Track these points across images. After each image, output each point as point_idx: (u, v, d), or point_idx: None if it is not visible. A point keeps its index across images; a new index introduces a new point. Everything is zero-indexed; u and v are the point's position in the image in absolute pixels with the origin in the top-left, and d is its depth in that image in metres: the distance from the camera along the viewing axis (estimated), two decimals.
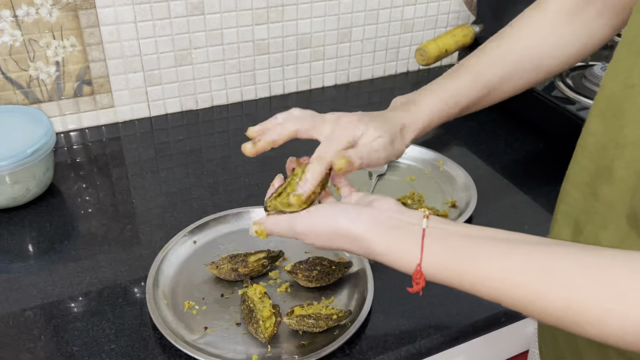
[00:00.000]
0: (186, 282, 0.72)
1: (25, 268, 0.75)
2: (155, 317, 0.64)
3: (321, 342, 0.63)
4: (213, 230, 0.79)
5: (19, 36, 0.92)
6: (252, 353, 0.63)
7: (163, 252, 0.73)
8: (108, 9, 0.96)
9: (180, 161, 0.97)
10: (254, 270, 0.71)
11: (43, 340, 0.65)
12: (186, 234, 0.76)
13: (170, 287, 0.70)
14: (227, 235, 0.78)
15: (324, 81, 1.22)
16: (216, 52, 1.08)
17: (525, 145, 1.03)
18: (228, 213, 0.80)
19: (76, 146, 1.00)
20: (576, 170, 0.53)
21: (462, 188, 0.88)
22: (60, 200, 0.87)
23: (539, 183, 0.93)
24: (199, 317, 0.67)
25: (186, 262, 0.74)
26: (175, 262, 0.74)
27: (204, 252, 0.76)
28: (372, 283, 0.70)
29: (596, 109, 0.50)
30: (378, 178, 0.91)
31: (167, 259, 0.73)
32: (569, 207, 0.55)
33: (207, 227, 0.78)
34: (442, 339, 0.67)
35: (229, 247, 0.77)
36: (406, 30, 1.24)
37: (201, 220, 0.78)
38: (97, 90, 1.02)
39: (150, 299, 0.66)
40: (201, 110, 1.12)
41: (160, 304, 0.67)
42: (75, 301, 0.70)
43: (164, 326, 0.63)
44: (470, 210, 0.83)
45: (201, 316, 0.67)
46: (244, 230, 0.79)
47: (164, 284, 0.70)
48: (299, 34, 1.13)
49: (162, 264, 0.72)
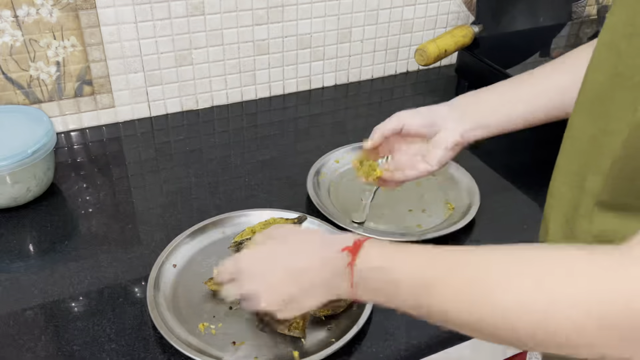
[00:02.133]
0: (186, 294, 0.71)
1: (26, 268, 0.75)
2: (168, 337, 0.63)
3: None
4: (211, 234, 0.78)
5: (20, 36, 0.92)
6: (290, 350, 0.63)
7: (163, 256, 0.73)
8: (108, 9, 0.96)
9: (181, 161, 0.97)
10: None
11: (44, 339, 0.65)
12: (187, 235, 0.76)
13: (171, 295, 0.70)
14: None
15: (324, 81, 1.22)
16: (216, 52, 1.08)
17: (525, 145, 1.03)
18: (226, 216, 0.80)
19: (76, 146, 1.00)
20: (564, 162, 0.54)
21: (465, 190, 0.89)
22: (61, 200, 0.87)
23: (538, 183, 0.93)
24: (220, 335, 0.66)
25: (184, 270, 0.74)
26: (174, 271, 0.73)
27: (200, 259, 0.75)
28: None
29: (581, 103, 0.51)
30: None
31: (168, 262, 0.73)
32: (556, 200, 0.55)
33: (206, 229, 0.78)
34: (442, 338, 0.67)
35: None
36: (406, 30, 1.24)
37: (203, 222, 0.78)
38: (98, 90, 1.02)
39: (152, 309, 0.66)
40: (201, 110, 1.12)
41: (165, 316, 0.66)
42: (75, 301, 0.70)
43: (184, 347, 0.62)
44: (473, 213, 0.83)
45: (222, 333, 0.66)
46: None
47: (165, 289, 0.70)
48: (299, 34, 1.13)
49: (162, 267, 0.72)
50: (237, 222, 0.80)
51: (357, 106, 1.17)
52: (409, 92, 1.23)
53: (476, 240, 0.82)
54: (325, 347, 0.63)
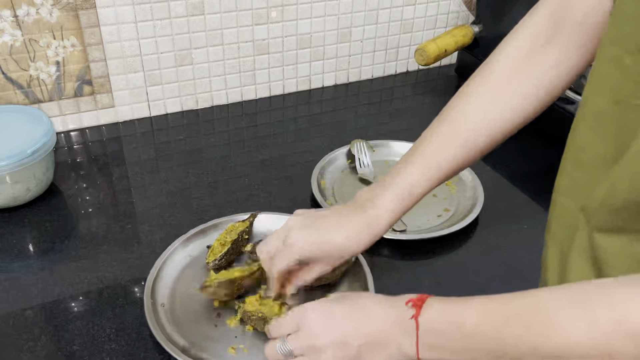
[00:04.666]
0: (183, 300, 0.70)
1: (26, 267, 0.75)
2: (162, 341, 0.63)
3: None
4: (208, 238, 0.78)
5: (20, 36, 0.92)
6: None
7: (161, 259, 0.73)
8: (108, 9, 0.96)
9: (180, 161, 0.97)
10: (251, 285, 0.70)
11: (43, 339, 0.65)
12: (183, 241, 0.76)
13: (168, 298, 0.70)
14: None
15: (323, 81, 1.22)
16: (216, 52, 1.08)
17: (525, 145, 1.03)
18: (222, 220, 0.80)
19: (76, 146, 1.00)
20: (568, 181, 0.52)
21: (470, 188, 0.89)
22: (61, 200, 0.87)
23: (538, 183, 0.93)
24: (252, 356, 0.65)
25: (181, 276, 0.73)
26: (172, 273, 0.73)
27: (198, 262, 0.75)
28: (372, 282, 0.70)
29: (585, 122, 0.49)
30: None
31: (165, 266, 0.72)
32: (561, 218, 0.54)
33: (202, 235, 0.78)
34: None
35: None
36: (406, 30, 1.24)
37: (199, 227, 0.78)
38: (98, 90, 1.02)
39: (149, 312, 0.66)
40: (201, 110, 1.12)
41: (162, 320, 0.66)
42: (75, 301, 0.70)
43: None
44: (476, 212, 0.83)
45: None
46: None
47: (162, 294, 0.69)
48: (299, 34, 1.13)
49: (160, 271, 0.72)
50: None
51: (357, 106, 1.17)
52: (409, 91, 1.23)
53: (476, 240, 0.82)
54: None
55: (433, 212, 0.86)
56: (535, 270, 0.77)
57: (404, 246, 0.79)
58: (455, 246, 0.80)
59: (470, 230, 0.83)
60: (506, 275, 0.76)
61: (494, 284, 0.74)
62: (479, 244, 0.81)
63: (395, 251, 0.79)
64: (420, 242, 0.80)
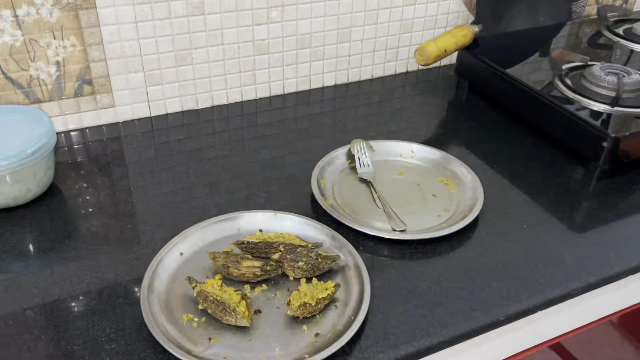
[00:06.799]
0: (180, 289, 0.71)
1: (26, 267, 0.75)
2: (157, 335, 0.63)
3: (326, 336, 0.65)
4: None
5: (20, 36, 0.92)
6: (260, 359, 0.63)
7: (158, 258, 0.73)
8: (108, 9, 0.96)
9: (181, 161, 0.97)
10: (244, 275, 0.71)
11: (43, 339, 0.65)
12: (175, 244, 0.76)
13: (164, 295, 0.70)
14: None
15: (323, 81, 1.22)
16: (216, 52, 1.08)
17: (524, 144, 1.03)
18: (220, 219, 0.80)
19: (77, 146, 1.00)
20: None
21: (470, 188, 0.89)
22: (61, 200, 0.87)
23: (538, 183, 0.94)
24: (200, 330, 0.66)
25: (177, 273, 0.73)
26: (168, 270, 0.73)
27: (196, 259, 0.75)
28: (369, 282, 0.70)
29: None
30: (371, 184, 0.91)
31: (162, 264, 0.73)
32: None
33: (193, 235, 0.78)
34: (442, 338, 0.67)
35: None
36: (406, 30, 1.24)
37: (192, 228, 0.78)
38: (98, 90, 1.02)
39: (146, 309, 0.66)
40: (201, 110, 1.12)
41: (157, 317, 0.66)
42: (75, 300, 0.70)
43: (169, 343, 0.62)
44: (476, 212, 0.83)
45: (203, 328, 0.66)
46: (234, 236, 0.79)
47: (159, 290, 0.70)
48: (299, 34, 1.13)
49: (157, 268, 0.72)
50: (238, 222, 0.80)
51: (357, 106, 1.17)
52: (409, 91, 1.23)
53: (476, 241, 0.82)
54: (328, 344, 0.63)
55: (433, 212, 0.86)
56: (535, 270, 0.77)
57: (404, 246, 0.79)
58: (455, 246, 0.80)
59: (470, 230, 0.83)
60: (506, 275, 0.76)
61: (494, 284, 0.74)
62: (479, 244, 0.81)
63: (395, 251, 0.79)
64: (420, 242, 0.80)
